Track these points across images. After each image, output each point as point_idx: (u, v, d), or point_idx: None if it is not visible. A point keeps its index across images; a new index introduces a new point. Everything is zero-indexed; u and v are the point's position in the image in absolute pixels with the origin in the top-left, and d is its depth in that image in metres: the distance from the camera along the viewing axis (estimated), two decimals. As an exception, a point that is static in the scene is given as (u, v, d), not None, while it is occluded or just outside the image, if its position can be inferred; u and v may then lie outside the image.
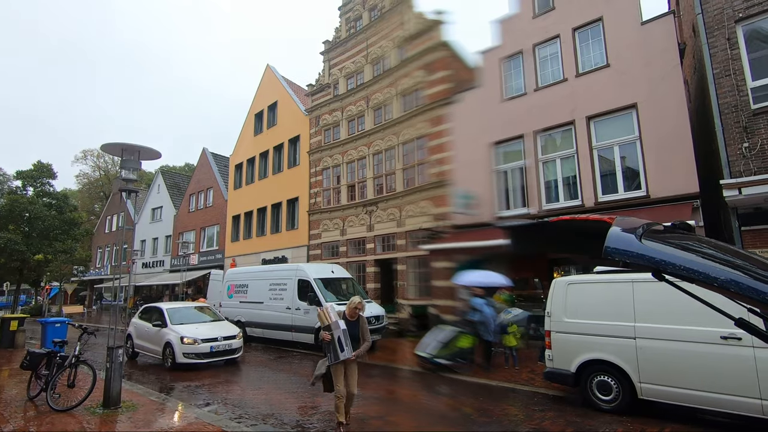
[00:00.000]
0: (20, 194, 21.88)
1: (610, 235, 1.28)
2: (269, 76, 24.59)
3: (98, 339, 9.78)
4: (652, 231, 1.36)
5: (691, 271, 1.09)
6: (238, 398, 7.29)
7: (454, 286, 13.36)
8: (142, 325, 11.25)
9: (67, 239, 22.15)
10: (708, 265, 1.07)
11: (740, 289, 1.02)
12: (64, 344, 7.22)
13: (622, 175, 10.79)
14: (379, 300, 15.29)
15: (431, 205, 14.75)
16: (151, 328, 10.69)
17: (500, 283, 10.57)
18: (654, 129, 10.23)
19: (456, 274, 11.42)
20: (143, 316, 11.61)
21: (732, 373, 5.04)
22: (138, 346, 11.18)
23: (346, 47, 19.49)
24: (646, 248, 1.20)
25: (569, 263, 11.57)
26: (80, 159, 49.84)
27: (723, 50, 8.63)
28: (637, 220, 1.46)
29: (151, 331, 10.65)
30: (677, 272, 1.12)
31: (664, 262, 1.15)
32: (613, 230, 1.29)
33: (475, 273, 10.93)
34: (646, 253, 1.18)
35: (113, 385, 6.26)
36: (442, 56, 15.31)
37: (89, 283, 37.85)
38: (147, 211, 33.64)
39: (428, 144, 15.17)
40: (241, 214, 24.30)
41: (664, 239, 1.28)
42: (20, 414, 6.16)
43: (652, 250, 1.19)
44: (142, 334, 11.02)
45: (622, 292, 6.02)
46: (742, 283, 1.02)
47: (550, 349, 6.63)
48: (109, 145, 6.55)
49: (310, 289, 12.01)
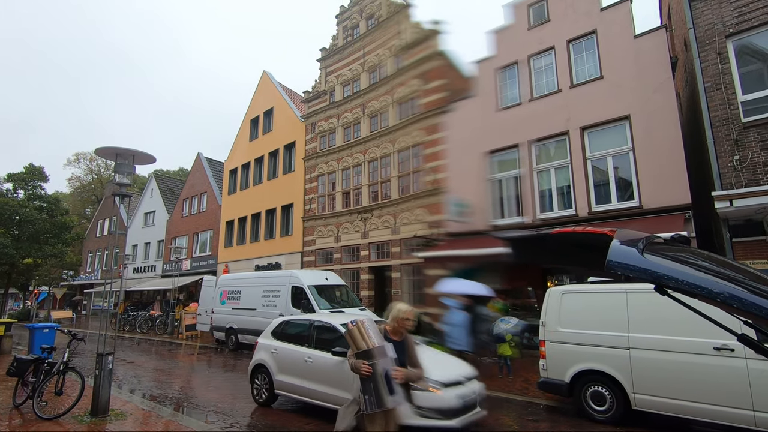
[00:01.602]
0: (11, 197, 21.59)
1: (612, 248, 1.28)
2: (265, 82, 24.63)
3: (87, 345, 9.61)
4: (653, 245, 1.36)
5: (693, 286, 1.09)
6: (228, 407, 7.18)
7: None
8: (291, 352, 6.81)
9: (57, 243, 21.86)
10: (710, 281, 1.08)
11: (742, 305, 1.02)
12: (53, 350, 7.07)
13: (615, 185, 10.90)
14: (373, 308, 15.22)
15: (426, 212, 14.77)
16: (323, 357, 6.22)
17: (479, 292, 10.50)
18: (646, 140, 10.36)
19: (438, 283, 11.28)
20: (291, 336, 7.16)
21: (724, 384, 5.06)
22: (285, 385, 6.70)
23: (342, 55, 19.60)
24: (648, 262, 1.20)
25: (563, 272, 11.62)
26: (73, 162, 49.43)
27: (714, 64, 8.79)
28: (638, 233, 1.47)
29: (322, 362, 6.22)
30: (680, 287, 1.13)
31: (666, 277, 1.15)
32: (615, 244, 1.30)
33: (453, 282, 10.83)
34: (648, 268, 1.18)
35: (102, 392, 6.15)
36: (437, 65, 15.44)
37: (78, 287, 37.33)
38: (140, 216, 33.35)
39: (423, 152, 15.24)
40: (235, 220, 24.17)
41: (665, 253, 1.29)
42: (5, 422, 6.01)
43: (655, 265, 1.19)
44: (297, 368, 6.57)
45: (616, 302, 6.05)
46: (744, 299, 1.02)
47: (545, 358, 6.63)
48: (103, 149, 6.50)
49: (304, 296, 11.94)
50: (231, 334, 14.01)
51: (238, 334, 13.66)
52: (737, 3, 8.65)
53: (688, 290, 1.12)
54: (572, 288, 6.80)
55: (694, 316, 1.92)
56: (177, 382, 9.39)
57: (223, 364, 11.76)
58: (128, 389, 8.60)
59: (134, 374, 10.28)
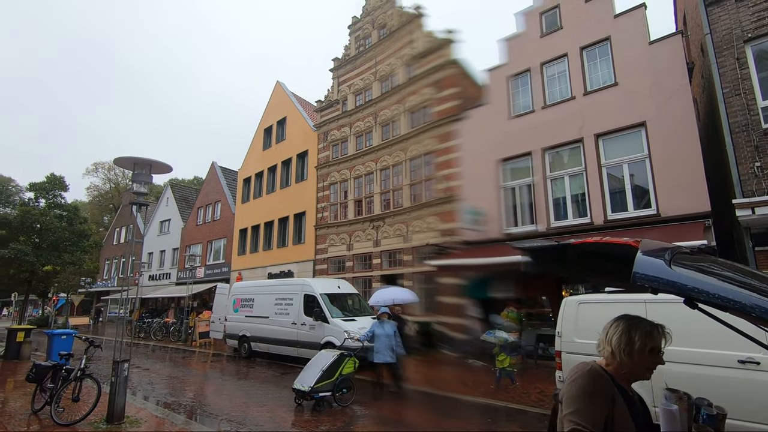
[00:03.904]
0: (32, 206, 22.16)
1: (638, 260, 1.25)
2: (279, 92, 24.98)
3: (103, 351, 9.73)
4: (681, 256, 1.33)
5: (725, 300, 1.05)
6: (241, 415, 7.18)
7: (461, 302, 13.23)
8: None
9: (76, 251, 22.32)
10: (741, 294, 1.04)
11: (778, 319, 0.98)
12: (70, 357, 7.18)
13: (631, 193, 10.71)
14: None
15: (439, 220, 14.71)
16: None
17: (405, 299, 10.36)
18: (663, 147, 10.19)
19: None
20: None
21: (750, 398, 4.88)
22: None
23: (355, 64, 19.80)
24: (677, 275, 1.17)
25: (579, 282, 11.43)
26: (91, 171, 50.76)
27: (732, 70, 8.63)
28: (662, 244, 1.43)
29: None
30: (711, 300, 1.09)
31: (697, 290, 1.12)
32: (641, 255, 1.27)
33: (381, 291, 10.70)
34: (678, 281, 1.15)
35: (117, 399, 6.21)
36: (451, 73, 15.48)
37: (96, 294, 37.98)
38: (155, 224, 33.90)
39: (436, 160, 15.23)
40: (248, 228, 24.39)
41: (692, 264, 1.25)
42: (24, 428, 6.11)
43: (684, 277, 1.16)
44: None
45: (635, 312, 5.89)
46: (779, 313, 0.98)
47: (561, 370, 6.49)
48: (121, 159, 6.63)
49: (316, 305, 11.93)
50: (244, 341, 14.05)
51: (251, 342, 13.70)
52: (756, 7, 8.51)
53: (721, 304, 1.08)
54: (589, 298, 6.66)
55: (718, 328, 1.85)
56: (190, 390, 9.43)
57: (236, 372, 11.79)
58: (142, 396, 8.67)
59: (148, 381, 10.37)
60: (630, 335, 1.64)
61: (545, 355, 11.01)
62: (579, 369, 1.64)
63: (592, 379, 1.57)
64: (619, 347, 1.64)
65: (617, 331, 1.68)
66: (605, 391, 1.55)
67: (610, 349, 1.68)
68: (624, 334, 1.65)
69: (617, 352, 1.65)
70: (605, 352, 1.72)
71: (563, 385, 1.64)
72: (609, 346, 1.68)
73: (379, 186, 17.39)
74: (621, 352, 1.64)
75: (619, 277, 1.84)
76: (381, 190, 17.31)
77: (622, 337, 1.65)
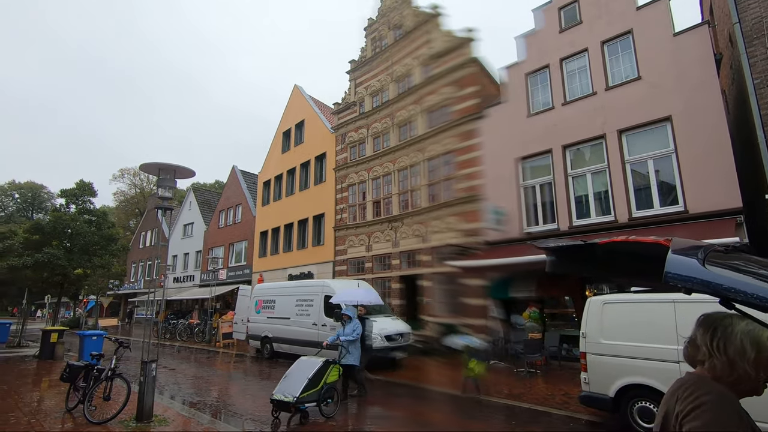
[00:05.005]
0: (63, 211, 22.99)
1: (669, 259, 1.21)
2: (296, 95, 25.27)
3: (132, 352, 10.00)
4: (715, 254, 1.28)
5: (765, 300, 1.01)
6: (265, 415, 7.27)
7: (486, 303, 13.09)
8: None
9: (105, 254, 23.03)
10: (781, 293, 1.00)
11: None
12: (101, 357, 7.43)
13: (657, 189, 10.41)
14: (405, 316, 15.12)
15: (460, 220, 14.60)
16: None
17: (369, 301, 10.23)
18: (691, 142, 9.86)
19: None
20: None
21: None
22: None
23: (371, 66, 19.87)
24: (712, 274, 1.13)
25: (603, 281, 11.17)
26: (118, 177, 52.50)
27: (763, 60, 8.30)
28: (694, 242, 1.38)
29: None
30: (749, 301, 1.05)
31: (733, 290, 1.07)
32: (672, 254, 1.23)
33: (344, 291, 10.57)
34: (712, 280, 1.11)
35: (146, 398, 6.39)
36: (471, 71, 15.36)
37: (123, 296, 39.16)
38: (179, 227, 34.75)
39: (456, 159, 15.12)
40: (269, 230, 24.74)
41: (729, 264, 1.21)
42: (59, 426, 6.34)
43: (720, 277, 1.11)
44: None
45: (663, 312, 5.72)
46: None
47: (586, 371, 6.35)
48: (147, 165, 6.82)
49: (337, 305, 11.99)
50: (266, 342, 14.25)
51: (273, 343, 13.88)
52: (788, -6, 8.16)
53: (759, 304, 1.04)
54: (614, 297, 6.50)
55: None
56: (215, 390, 9.63)
57: (259, 372, 11.96)
58: (169, 395, 8.89)
59: (175, 381, 10.62)
60: (759, 344, 1.31)
61: (569, 356, 10.79)
62: (703, 391, 1.31)
63: (731, 410, 1.27)
64: (744, 358, 1.31)
65: (735, 338, 1.33)
66: (744, 422, 1.26)
67: (726, 359, 1.33)
68: (748, 341, 1.31)
69: (739, 364, 1.32)
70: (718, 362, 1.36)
71: (680, 405, 1.31)
72: (724, 356, 1.34)
73: (397, 187, 17.39)
74: (746, 363, 1.31)
75: (646, 277, 1.78)
76: (399, 190, 17.30)
77: (747, 346, 1.31)
